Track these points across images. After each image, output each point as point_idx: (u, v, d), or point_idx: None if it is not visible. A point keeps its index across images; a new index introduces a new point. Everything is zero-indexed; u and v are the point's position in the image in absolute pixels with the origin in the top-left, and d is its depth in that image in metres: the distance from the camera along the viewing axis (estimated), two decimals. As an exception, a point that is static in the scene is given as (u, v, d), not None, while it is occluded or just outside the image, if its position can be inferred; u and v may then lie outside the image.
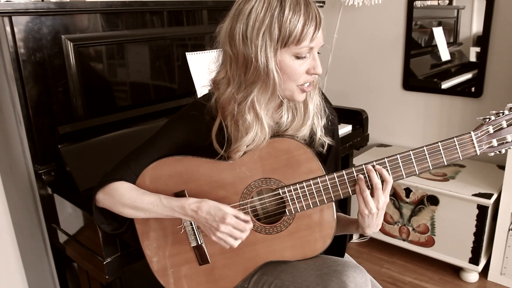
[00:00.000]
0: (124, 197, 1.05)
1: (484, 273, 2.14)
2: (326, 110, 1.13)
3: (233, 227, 1.00)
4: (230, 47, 0.98)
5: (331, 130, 1.15)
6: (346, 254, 1.27)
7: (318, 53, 1.00)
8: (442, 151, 0.98)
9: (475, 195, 1.99)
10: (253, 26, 0.93)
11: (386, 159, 1.00)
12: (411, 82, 2.47)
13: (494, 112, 0.97)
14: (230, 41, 0.97)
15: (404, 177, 1.00)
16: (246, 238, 1.07)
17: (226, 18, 1.00)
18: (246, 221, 1.02)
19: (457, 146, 0.97)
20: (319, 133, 1.10)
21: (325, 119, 1.12)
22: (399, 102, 2.56)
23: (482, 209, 1.98)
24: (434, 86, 2.40)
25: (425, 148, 0.98)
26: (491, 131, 0.97)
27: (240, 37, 0.95)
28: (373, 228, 1.06)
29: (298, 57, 0.96)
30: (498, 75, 2.19)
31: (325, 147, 1.12)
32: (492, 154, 0.98)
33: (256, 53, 0.93)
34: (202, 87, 1.54)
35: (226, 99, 1.01)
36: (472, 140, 0.97)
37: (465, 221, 2.04)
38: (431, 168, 0.99)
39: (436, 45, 2.36)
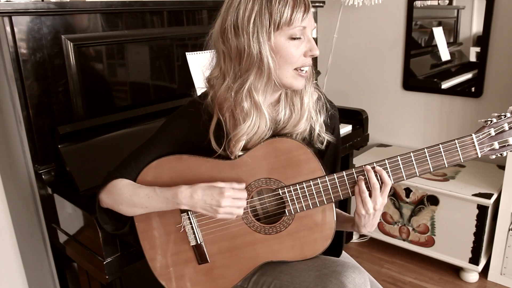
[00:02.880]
0: (122, 192, 1.06)
1: (484, 273, 2.14)
2: (328, 106, 1.13)
3: (233, 197, 1.01)
4: (223, 42, 1.00)
5: (331, 125, 1.15)
6: (346, 254, 1.27)
7: (317, 46, 1.01)
8: (443, 153, 0.97)
9: (475, 195, 1.99)
10: (243, 15, 0.96)
11: (386, 161, 1.00)
12: (411, 82, 2.47)
13: (496, 114, 0.96)
14: (222, 36, 1.00)
15: (405, 178, 1.00)
16: (245, 238, 1.08)
17: (216, 19, 1.03)
18: (241, 189, 1.03)
19: (458, 148, 0.97)
20: (318, 129, 1.10)
21: (324, 115, 1.12)
22: (399, 102, 2.56)
23: (482, 209, 1.98)
24: (434, 86, 2.40)
25: (426, 150, 0.98)
26: (493, 133, 0.96)
27: (232, 29, 0.97)
28: (368, 227, 1.07)
29: (292, 38, 0.98)
30: (498, 75, 2.19)
31: (324, 144, 1.12)
32: (494, 156, 0.98)
33: (249, 40, 0.95)
34: (201, 88, 1.54)
35: (223, 93, 1.02)
36: (474, 143, 0.96)
37: (465, 221, 2.04)
38: (431, 170, 0.99)
39: (436, 45, 2.36)
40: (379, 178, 1.00)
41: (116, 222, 1.14)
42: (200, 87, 1.15)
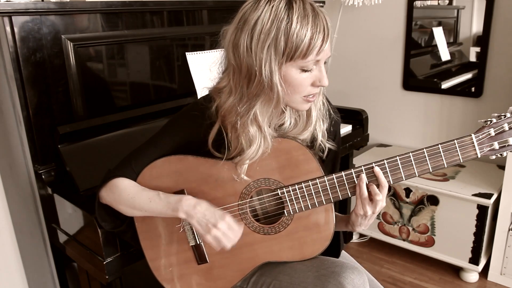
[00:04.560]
0: (123, 193, 1.06)
1: (484, 273, 2.14)
2: (331, 113, 1.13)
3: (230, 226, 1.01)
4: (234, 57, 0.96)
5: (333, 132, 1.15)
6: (346, 254, 1.27)
7: (325, 62, 0.99)
8: (442, 154, 0.97)
9: (475, 195, 1.99)
10: (258, 38, 0.91)
11: (385, 161, 1.00)
12: (411, 82, 2.47)
13: (495, 114, 0.96)
14: (234, 50, 0.96)
15: (404, 179, 1.00)
16: (244, 238, 1.07)
17: (231, 23, 0.98)
18: (240, 227, 1.03)
19: (458, 149, 0.97)
20: (320, 138, 1.10)
21: (327, 123, 1.12)
22: (399, 102, 2.56)
23: (482, 209, 1.98)
24: (434, 86, 2.40)
25: (425, 150, 0.98)
26: (493, 133, 0.96)
27: (244, 48, 0.93)
28: (363, 226, 1.09)
29: (304, 70, 0.95)
30: (498, 75, 2.19)
31: (325, 152, 1.11)
32: (494, 157, 0.97)
33: (260, 66, 0.92)
34: (203, 89, 1.54)
35: (228, 109, 1.01)
36: (473, 143, 0.96)
37: (465, 221, 2.04)
38: (431, 171, 0.98)
39: (436, 45, 2.36)
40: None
41: (115, 219, 1.14)
42: (205, 87, 1.14)
